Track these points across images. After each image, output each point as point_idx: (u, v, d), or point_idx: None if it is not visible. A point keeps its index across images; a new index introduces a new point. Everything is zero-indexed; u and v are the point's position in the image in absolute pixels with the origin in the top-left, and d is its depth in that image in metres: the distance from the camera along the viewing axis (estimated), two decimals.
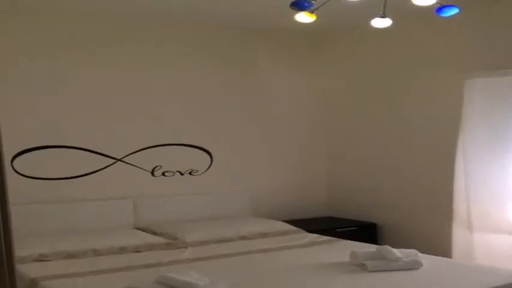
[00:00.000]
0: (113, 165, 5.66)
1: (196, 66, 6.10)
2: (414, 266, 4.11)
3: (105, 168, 5.62)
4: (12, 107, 5.15)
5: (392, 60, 6.18)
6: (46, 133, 5.36)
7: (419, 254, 4.29)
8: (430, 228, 5.83)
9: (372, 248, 4.49)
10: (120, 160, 5.69)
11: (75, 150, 5.49)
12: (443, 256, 4.84)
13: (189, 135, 6.06)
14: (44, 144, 5.35)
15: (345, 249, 4.57)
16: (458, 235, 5.44)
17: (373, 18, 3.68)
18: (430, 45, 5.79)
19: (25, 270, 4.06)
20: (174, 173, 5.96)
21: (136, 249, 4.77)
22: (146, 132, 5.83)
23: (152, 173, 5.86)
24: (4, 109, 4.79)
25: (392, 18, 3.65)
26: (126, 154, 5.72)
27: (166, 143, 5.93)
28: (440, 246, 5.51)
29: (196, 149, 6.11)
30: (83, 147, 5.53)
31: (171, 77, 5.97)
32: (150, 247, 4.84)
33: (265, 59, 6.50)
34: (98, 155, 5.59)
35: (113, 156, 5.66)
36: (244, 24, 6.16)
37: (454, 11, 3.46)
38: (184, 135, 6.03)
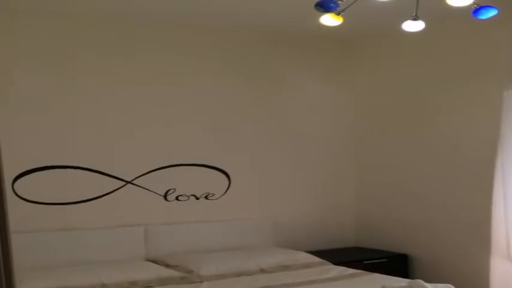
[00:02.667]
0: (122, 188, 5.60)
1: (214, 77, 6.04)
2: None
3: (113, 191, 5.56)
4: (13, 123, 5.09)
5: (425, 69, 6.10)
6: (49, 152, 5.31)
7: None
8: (466, 260, 5.72)
9: (403, 282, 4.43)
10: (129, 183, 5.62)
11: (81, 171, 5.43)
12: None
13: (204, 154, 5.99)
14: (48, 165, 5.29)
15: (374, 283, 4.54)
16: (498, 267, 5.34)
17: (404, 20, 3.62)
18: (466, 52, 5.71)
19: None
20: (188, 197, 5.90)
21: (148, 284, 4.72)
22: (158, 151, 5.77)
23: (165, 197, 5.79)
24: (4, 126, 4.76)
25: (425, 21, 3.60)
26: (136, 176, 5.66)
27: (180, 163, 5.87)
28: (478, 280, 5.45)
29: (212, 170, 6.05)
30: (89, 167, 5.47)
31: (186, 89, 5.92)
32: (162, 281, 4.78)
33: (288, 69, 6.45)
34: (106, 177, 5.53)
35: (122, 178, 5.60)
36: (266, 28, 6.13)
37: (492, 13, 3.41)
38: (200, 155, 5.97)
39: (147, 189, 5.69)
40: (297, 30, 6.26)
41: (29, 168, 5.20)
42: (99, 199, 5.49)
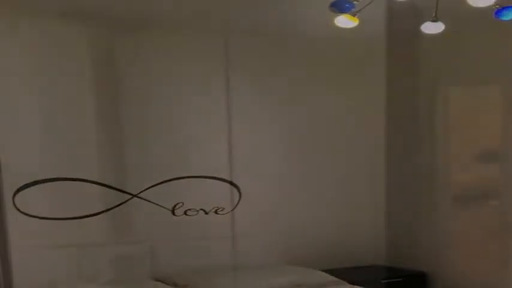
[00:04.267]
0: (128, 202, 5.48)
1: (222, 81, 5.89)
2: None
3: (118, 205, 5.44)
4: (13, 130, 4.98)
5: (447, 76, 6.00)
6: (51, 161, 5.19)
7: None
8: (488, 279, 5.64)
9: None
10: (136, 196, 5.51)
11: (84, 183, 5.31)
12: None
13: (212, 164, 5.86)
14: (50, 177, 5.16)
15: None
16: None
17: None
18: (485, 57, 5.59)
19: None
20: (197, 211, 5.78)
21: None
22: (166, 162, 5.65)
23: (173, 211, 5.67)
24: (4, 132, 4.70)
25: (445, 23, 3.58)
26: (143, 189, 5.54)
27: (189, 174, 5.75)
28: None
29: (222, 182, 5.93)
30: (93, 179, 5.35)
31: (194, 94, 5.78)
32: None
33: (301, 74, 6.28)
34: (111, 190, 5.41)
35: (127, 191, 5.48)
36: (276, 32, 5.98)
37: None
38: (207, 165, 5.84)
39: (154, 203, 5.58)
40: (304, 32, 6.07)
41: (30, 181, 5.07)
42: (103, 214, 5.37)
